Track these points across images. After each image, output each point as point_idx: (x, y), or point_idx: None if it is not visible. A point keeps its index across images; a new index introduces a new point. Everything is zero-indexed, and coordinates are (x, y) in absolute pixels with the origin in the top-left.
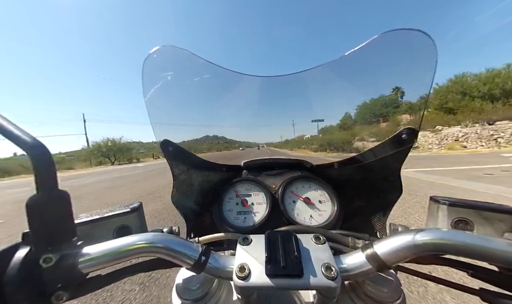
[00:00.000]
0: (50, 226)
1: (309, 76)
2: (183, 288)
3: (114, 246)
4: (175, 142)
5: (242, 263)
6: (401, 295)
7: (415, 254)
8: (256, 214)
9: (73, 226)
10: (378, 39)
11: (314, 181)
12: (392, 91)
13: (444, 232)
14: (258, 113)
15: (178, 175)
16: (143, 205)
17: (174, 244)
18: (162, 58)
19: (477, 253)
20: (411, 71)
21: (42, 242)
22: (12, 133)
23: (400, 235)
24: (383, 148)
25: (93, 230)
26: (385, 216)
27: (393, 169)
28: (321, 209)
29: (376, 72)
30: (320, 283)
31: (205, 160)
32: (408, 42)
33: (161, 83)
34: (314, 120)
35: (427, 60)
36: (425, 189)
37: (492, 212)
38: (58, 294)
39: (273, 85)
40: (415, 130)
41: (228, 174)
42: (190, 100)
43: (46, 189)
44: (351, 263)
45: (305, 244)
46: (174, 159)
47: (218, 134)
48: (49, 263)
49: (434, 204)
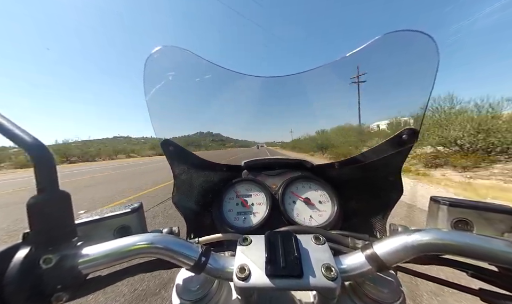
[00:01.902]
0: (50, 226)
1: (310, 76)
2: (183, 288)
3: (114, 246)
4: (174, 142)
5: (242, 263)
6: (401, 296)
7: (415, 254)
8: (256, 214)
9: (73, 227)
10: (379, 40)
11: (314, 181)
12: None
13: (443, 232)
14: (258, 114)
15: (178, 175)
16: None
17: (174, 244)
18: (164, 58)
19: (476, 253)
20: (413, 72)
21: (42, 242)
22: (13, 132)
23: (399, 235)
24: (383, 148)
25: (93, 230)
26: (385, 217)
27: (394, 170)
28: (321, 210)
29: (378, 73)
30: (320, 283)
31: (205, 160)
32: (410, 44)
33: (163, 83)
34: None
35: (429, 61)
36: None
37: (492, 212)
38: (58, 295)
39: (274, 85)
40: (415, 130)
41: (228, 174)
42: (191, 100)
43: (47, 189)
44: (351, 264)
45: (305, 244)
46: (174, 159)
47: (216, 132)
48: (49, 263)
49: (434, 204)
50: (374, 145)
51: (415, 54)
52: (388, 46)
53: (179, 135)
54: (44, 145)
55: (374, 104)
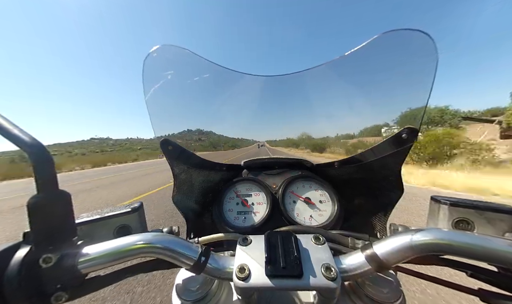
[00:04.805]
0: (51, 226)
1: (309, 75)
2: (183, 288)
3: (114, 246)
4: (174, 142)
5: (242, 263)
6: (401, 296)
7: (414, 254)
8: (256, 214)
9: (73, 226)
10: (378, 39)
11: (314, 180)
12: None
13: (443, 232)
14: (257, 112)
15: (178, 175)
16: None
17: (173, 244)
18: (163, 57)
19: (476, 253)
20: (412, 71)
21: (42, 242)
22: (12, 133)
23: (399, 235)
24: (383, 147)
25: (93, 230)
26: (385, 216)
27: (394, 169)
28: (322, 209)
29: (377, 72)
30: (320, 283)
31: (205, 159)
32: (409, 42)
33: (162, 82)
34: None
35: (428, 59)
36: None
37: (493, 211)
38: (58, 295)
39: (273, 84)
40: (415, 129)
41: (228, 174)
42: (190, 99)
43: (47, 189)
44: (350, 264)
45: (305, 244)
46: (174, 158)
47: (215, 131)
48: (49, 263)
49: (435, 203)
50: (374, 144)
51: (414, 52)
52: (386, 44)
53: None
54: (42, 145)
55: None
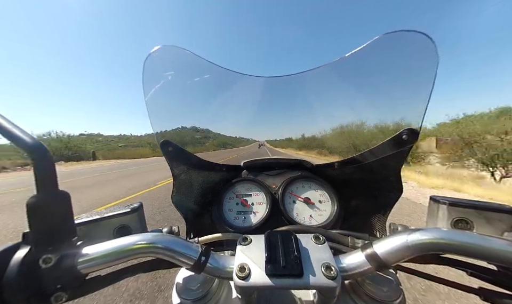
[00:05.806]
0: (50, 226)
1: (309, 76)
2: (183, 288)
3: (114, 246)
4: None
5: (242, 263)
6: (401, 295)
7: (414, 254)
8: (256, 214)
9: (73, 226)
10: (378, 40)
11: (314, 181)
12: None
13: (443, 231)
14: (258, 113)
15: (178, 175)
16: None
17: (173, 244)
18: (163, 57)
19: (475, 252)
20: (412, 72)
21: (42, 242)
22: (12, 133)
23: (399, 235)
24: (383, 148)
25: (93, 230)
26: (385, 216)
27: (394, 170)
28: (321, 209)
29: (377, 73)
30: (320, 283)
31: (204, 160)
32: (409, 44)
33: (162, 83)
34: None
35: (428, 61)
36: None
37: (492, 211)
38: (58, 295)
39: (273, 85)
40: (416, 131)
41: (227, 174)
42: (190, 100)
43: (47, 189)
44: (350, 263)
45: (305, 243)
46: (173, 159)
47: (216, 131)
48: (48, 263)
49: (434, 203)
50: (374, 145)
51: (414, 54)
52: (387, 46)
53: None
54: (43, 145)
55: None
